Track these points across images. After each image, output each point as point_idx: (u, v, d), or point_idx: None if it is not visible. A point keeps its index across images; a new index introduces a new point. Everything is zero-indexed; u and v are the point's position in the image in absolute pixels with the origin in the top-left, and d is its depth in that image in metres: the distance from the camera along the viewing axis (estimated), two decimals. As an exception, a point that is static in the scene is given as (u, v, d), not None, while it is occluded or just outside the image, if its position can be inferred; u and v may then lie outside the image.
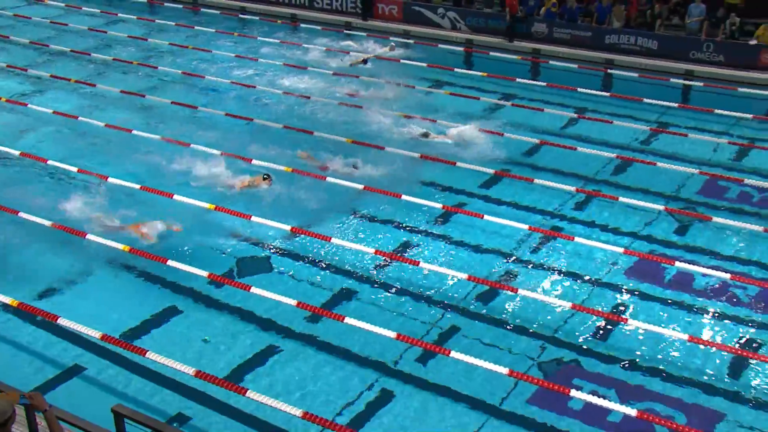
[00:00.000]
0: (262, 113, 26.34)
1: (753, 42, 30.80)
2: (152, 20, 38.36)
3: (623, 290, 17.16)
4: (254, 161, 21.84)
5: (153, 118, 26.06)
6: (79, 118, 25.26)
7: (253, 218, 18.89)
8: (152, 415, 12.08)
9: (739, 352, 15.31)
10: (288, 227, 18.63)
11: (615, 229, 19.53)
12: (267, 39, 34.91)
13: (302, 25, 37.52)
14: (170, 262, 16.97)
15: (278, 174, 20.96)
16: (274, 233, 18.77)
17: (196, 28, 36.73)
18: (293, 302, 15.77)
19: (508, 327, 15.88)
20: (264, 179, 20.37)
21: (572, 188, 21.19)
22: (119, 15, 38.61)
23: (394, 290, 16.97)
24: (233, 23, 38.25)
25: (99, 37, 35.20)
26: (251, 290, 16.23)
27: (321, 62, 31.78)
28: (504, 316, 16.23)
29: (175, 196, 19.69)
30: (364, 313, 15.99)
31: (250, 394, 13.25)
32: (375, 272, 17.62)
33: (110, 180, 20.61)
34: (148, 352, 14.19)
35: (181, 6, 40.74)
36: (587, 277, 17.56)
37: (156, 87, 29.05)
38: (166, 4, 41.00)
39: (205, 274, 16.66)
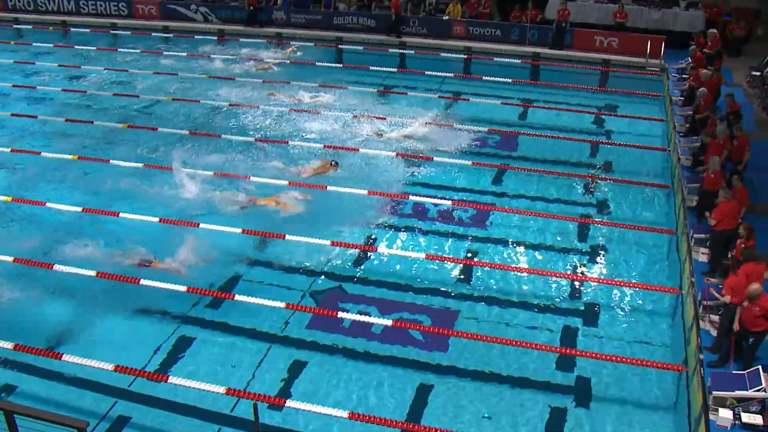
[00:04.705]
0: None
1: (446, 17, 31.85)
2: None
3: (371, 224, 17.23)
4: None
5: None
6: None
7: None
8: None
9: (465, 261, 15.85)
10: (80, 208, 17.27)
11: (359, 175, 19.51)
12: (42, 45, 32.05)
13: (72, 30, 34.55)
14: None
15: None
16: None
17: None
18: (93, 273, 14.65)
19: (281, 268, 15.55)
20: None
21: (320, 145, 20.97)
22: None
23: (181, 248, 16.08)
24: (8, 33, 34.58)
25: None
26: (54, 268, 14.84)
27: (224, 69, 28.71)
28: (277, 259, 15.88)
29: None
30: (156, 274, 14.96)
31: (65, 357, 12.50)
32: (163, 238, 16.64)
33: None
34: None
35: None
36: (342, 217, 17.42)
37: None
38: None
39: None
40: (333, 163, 19.26)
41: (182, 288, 14.23)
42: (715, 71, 22.13)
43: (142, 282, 14.43)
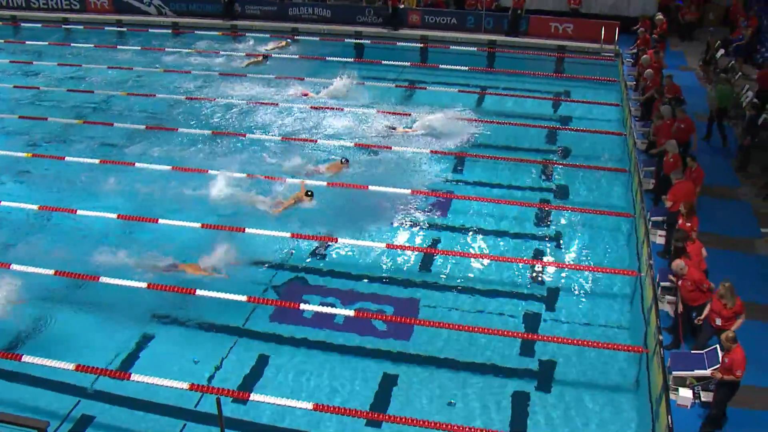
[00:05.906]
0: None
1: (402, 6, 31.73)
2: None
3: (332, 215, 17.07)
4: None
5: None
6: None
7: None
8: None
9: (425, 250, 15.92)
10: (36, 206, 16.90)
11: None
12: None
13: (23, 25, 33.74)
14: None
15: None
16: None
17: None
18: (51, 272, 14.47)
19: (242, 262, 15.39)
20: (307, 195, 17.23)
21: (278, 138, 20.87)
22: None
23: (140, 244, 15.89)
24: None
25: None
26: (11, 267, 14.58)
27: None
28: (238, 253, 15.68)
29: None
30: (119, 273, 14.65)
31: (25, 358, 12.36)
32: (121, 234, 16.45)
33: None
34: None
35: None
36: (302, 209, 17.34)
37: None
38: None
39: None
40: (343, 160, 18.78)
41: (143, 285, 14.09)
42: (656, 54, 22.34)
43: (102, 279, 14.28)
